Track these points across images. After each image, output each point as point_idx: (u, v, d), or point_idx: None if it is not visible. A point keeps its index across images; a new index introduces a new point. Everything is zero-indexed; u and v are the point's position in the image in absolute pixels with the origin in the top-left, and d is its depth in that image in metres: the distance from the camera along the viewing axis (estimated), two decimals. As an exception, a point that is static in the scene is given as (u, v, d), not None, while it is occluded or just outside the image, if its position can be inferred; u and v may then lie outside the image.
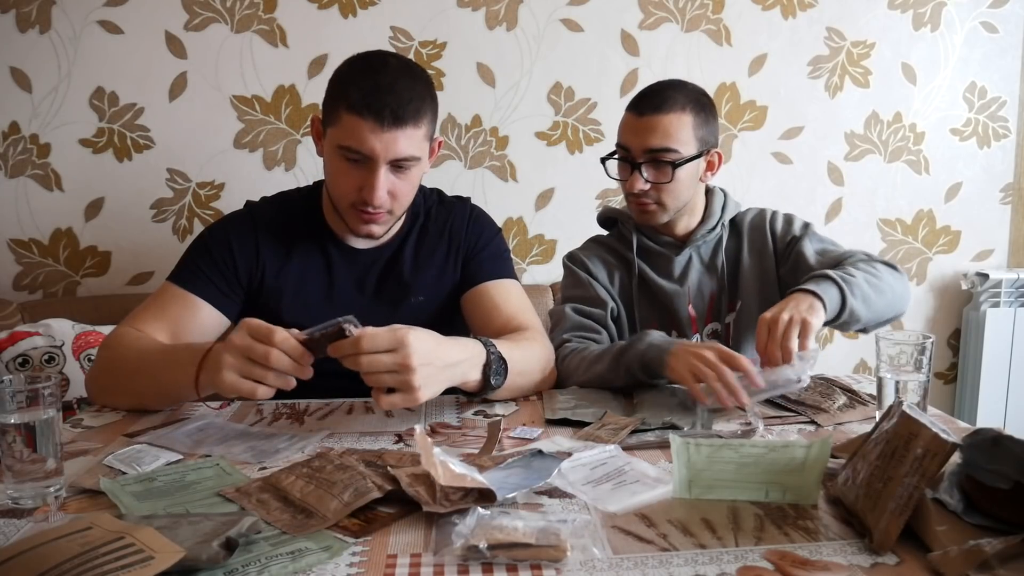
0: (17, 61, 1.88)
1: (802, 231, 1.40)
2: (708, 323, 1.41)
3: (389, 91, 1.09)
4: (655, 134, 1.28)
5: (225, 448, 0.93)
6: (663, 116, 1.28)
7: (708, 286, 1.41)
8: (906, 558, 0.64)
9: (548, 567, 0.63)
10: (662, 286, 1.40)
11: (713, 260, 1.41)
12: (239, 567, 0.63)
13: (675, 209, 1.35)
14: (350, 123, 1.10)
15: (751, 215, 1.44)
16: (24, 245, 1.95)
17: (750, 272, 1.40)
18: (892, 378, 0.97)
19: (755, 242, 1.41)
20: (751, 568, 0.63)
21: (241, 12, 1.93)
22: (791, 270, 1.37)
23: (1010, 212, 2.25)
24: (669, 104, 1.29)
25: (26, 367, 1.63)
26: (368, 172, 1.12)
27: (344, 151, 1.12)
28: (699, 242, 1.40)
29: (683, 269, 1.40)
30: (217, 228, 1.27)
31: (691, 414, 1.03)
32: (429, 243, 1.31)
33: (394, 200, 1.17)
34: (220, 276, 1.22)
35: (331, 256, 1.27)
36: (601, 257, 1.45)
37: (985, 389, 2.18)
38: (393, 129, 1.09)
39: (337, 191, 1.18)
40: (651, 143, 1.28)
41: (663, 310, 1.41)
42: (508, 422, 1.03)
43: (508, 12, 2.00)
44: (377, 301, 1.27)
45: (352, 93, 1.10)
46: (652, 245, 1.41)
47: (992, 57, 2.17)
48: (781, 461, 0.75)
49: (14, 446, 0.76)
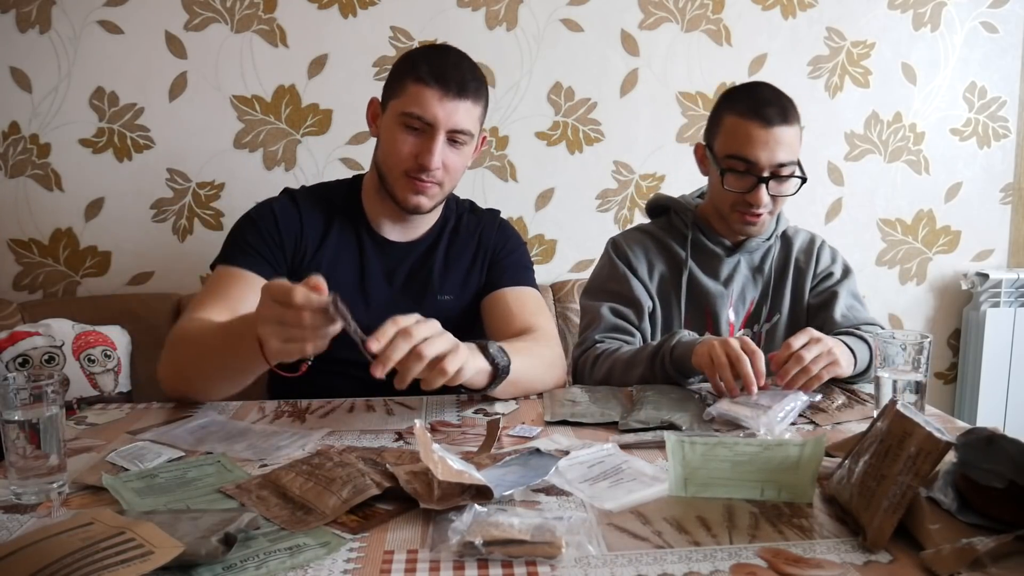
0: (17, 61, 1.89)
1: (843, 274, 1.42)
2: (743, 328, 1.42)
3: (455, 67, 1.19)
4: (785, 148, 1.25)
5: (227, 445, 0.94)
6: (790, 128, 1.26)
7: (751, 293, 1.41)
8: (899, 556, 0.65)
9: (543, 563, 0.64)
10: (707, 286, 1.39)
11: (760, 269, 1.42)
12: (238, 562, 0.63)
13: (774, 218, 1.37)
14: (416, 91, 1.17)
15: (802, 236, 1.46)
16: (24, 245, 1.96)
17: (790, 290, 1.42)
18: (890, 377, 0.97)
19: (801, 263, 1.43)
20: (744, 565, 0.63)
21: (241, 12, 1.93)
22: (819, 306, 1.40)
23: (1010, 212, 2.26)
24: (791, 115, 1.27)
25: (26, 367, 1.64)
26: (427, 139, 1.19)
27: (406, 117, 1.18)
28: (752, 249, 1.40)
29: (731, 272, 1.40)
30: (262, 207, 1.29)
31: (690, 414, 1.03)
32: (459, 245, 1.34)
33: (446, 173, 1.22)
34: (269, 251, 1.23)
35: (365, 245, 1.29)
36: (645, 248, 1.43)
37: (985, 389, 2.18)
38: (456, 99, 1.18)
39: (393, 159, 1.21)
40: (782, 158, 1.25)
41: (701, 309, 1.40)
42: (507, 421, 1.04)
43: (508, 12, 2.01)
44: (405, 295, 1.29)
45: (421, 66, 1.18)
46: (706, 243, 1.40)
47: (992, 57, 2.17)
48: (776, 459, 0.76)
49: (17, 443, 0.77)
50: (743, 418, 0.96)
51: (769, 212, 1.31)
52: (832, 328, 1.33)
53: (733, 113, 1.28)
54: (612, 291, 1.39)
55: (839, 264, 1.44)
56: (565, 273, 2.12)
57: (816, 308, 1.40)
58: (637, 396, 1.12)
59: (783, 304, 1.42)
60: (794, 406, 1.00)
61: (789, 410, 0.98)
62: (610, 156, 2.10)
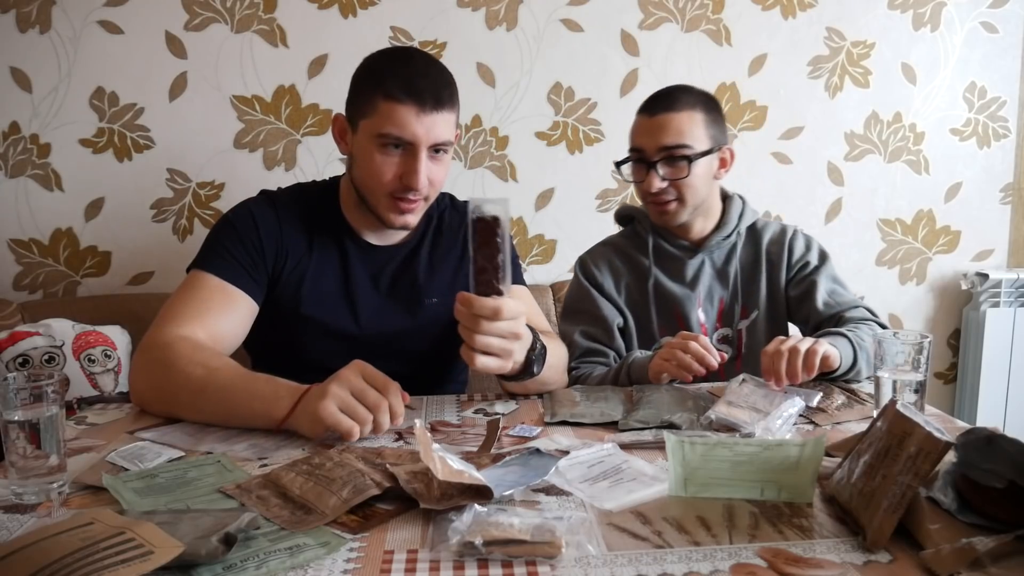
0: (17, 61, 1.89)
1: (819, 261, 1.42)
2: (718, 328, 1.42)
3: (424, 76, 1.12)
4: (668, 132, 1.31)
5: (227, 445, 0.94)
6: (675, 114, 1.31)
7: (718, 292, 1.42)
8: (899, 556, 0.65)
9: (543, 563, 0.64)
10: (672, 290, 1.41)
11: (726, 267, 1.42)
12: (238, 562, 0.64)
13: (693, 206, 1.36)
14: (388, 110, 1.10)
15: (772, 229, 1.46)
16: (24, 245, 1.96)
17: (764, 283, 1.42)
18: (890, 377, 0.97)
19: (772, 256, 1.43)
20: (744, 565, 0.63)
21: (241, 12, 1.93)
22: (800, 297, 1.40)
23: (1010, 212, 2.26)
24: (680, 103, 1.32)
25: (26, 367, 1.64)
26: (409, 158, 1.12)
27: (383, 138, 1.11)
28: (713, 248, 1.42)
29: (695, 273, 1.42)
30: (241, 212, 1.23)
31: (690, 414, 1.03)
32: (444, 245, 1.31)
33: (431, 186, 1.17)
34: (251, 262, 1.18)
35: (348, 251, 1.25)
36: (610, 263, 1.46)
37: (985, 389, 2.18)
38: (433, 113, 1.11)
39: (374, 181, 1.15)
40: (664, 141, 1.31)
41: (671, 313, 1.42)
42: (507, 420, 1.04)
43: (508, 12, 2.01)
44: (392, 299, 1.26)
45: (388, 81, 1.10)
46: (667, 247, 1.43)
47: (992, 57, 2.17)
48: (775, 460, 0.76)
49: (17, 443, 0.77)
50: (742, 423, 0.96)
51: (676, 200, 1.34)
52: (817, 318, 1.35)
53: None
54: (582, 311, 1.43)
55: (814, 251, 1.43)
56: (565, 273, 2.12)
57: (797, 300, 1.40)
58: (637, 396, 1.12)
59: (759, 299, 1.42)
60: (792, 412, 1.00)
61: (787, 416, 0.98)
62: (610, 156, 2.08)
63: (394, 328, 1.25)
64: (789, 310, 1.43)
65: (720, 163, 1.38)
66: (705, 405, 1.05)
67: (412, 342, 1.26)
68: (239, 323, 1.16)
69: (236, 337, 1.16)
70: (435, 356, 1.30)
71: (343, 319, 1.22)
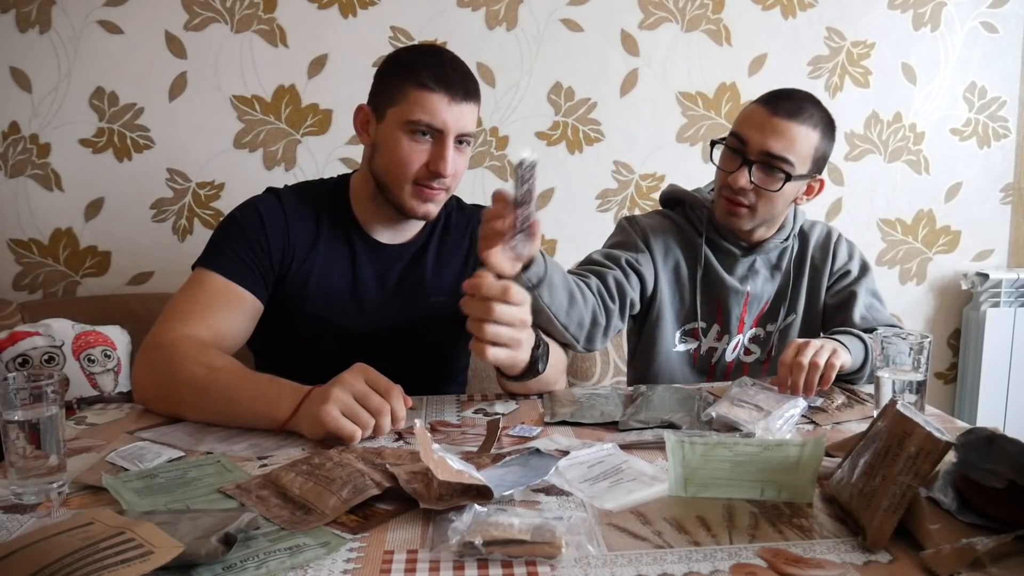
0: (17, 61, 1.88)
1: (860, 272, 1.39)
2: (754, 327, 1.40)
3: (454, 68, 1.16)
4: (781, 139, 1.24)
5: (226, 445, 0.94)
6: (795, 124, 1.24)
7: (767, 292, 1.39)
8: (899, 556, 0.65)
9: (543, 563, 0.64)
10: (724, 279, 1.37)
11: (777, 267, 1.39)
12: (238, 562, 0.63)
13: (762, 219, 1.31)
14: (420, 98, 1.13)
15: (818, 231, 1.42)
16: (24, 245, 1.96)
17: (806, 288, 1.39)
18: (890, 377, 0.97)
19: (816, 260, 1.40)
20: (744, 565, 0.63)
21: (241, 12, 1.93)
22: (837, 307, 1.37)
23: (1010, 212, 2.26)
24: (803, 115, 1.24)
25: (26, 367, 1.64)
26: (437, 145, 1.15)
27: (412, 125, 1.14)
28: (770, 250, 1.38)
29: (746, 271, 1.38)
30: (248, 209, 1.22)
31: (690, 414, 1.03)
32: (450, 245, 1.32)
33: (454, 177, 1.19)
34: (256, 260, 1.18)
35: (356, 248, 1.25)
36: (664, 230, 1.39)
37: (985, 389, 2.18)
38: (463, 103, 1.14)
39: (400, 169, 1.16)
40: (773, 146, 1.24)
41: (715, 302, 1.38)
42: (507, 421, 1.04)
43: (508, 12, 2.01)
44: (398, 297, 1.26)
45: (420, 71, 1.13)
46: (720, 241, 1.38)
47: (992, 57, 2.17)
48: (775, 460, 0.76)
49: (17, 443, 0.77)
50: (742, 422, 0.96)
51: (750, 207, 1.28)
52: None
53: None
54: (616, 244, 1.38)
55: (856, 261, 1.40)
56: (565, 273, 2.12)
57: (834, 308, 1.37)
58: (637, 396, 1.12)
59: (799, 304, 1.39)
60: (793, 413, 1.00)
61: (788, 417, 0.98)
62: (610, 156, 2.10)
63: (398, 326, 1.25)
64: (824, 317, 1.39)
65: (808, 189, 1.33)
66: (706, 405, 1.05)
67: (414, 340, 1.26)
68: (243, 322, 1.16)
69: (240, 336, 1.16)
70: (436, 355, 1.30)
71: (348, 315, 1.23)
